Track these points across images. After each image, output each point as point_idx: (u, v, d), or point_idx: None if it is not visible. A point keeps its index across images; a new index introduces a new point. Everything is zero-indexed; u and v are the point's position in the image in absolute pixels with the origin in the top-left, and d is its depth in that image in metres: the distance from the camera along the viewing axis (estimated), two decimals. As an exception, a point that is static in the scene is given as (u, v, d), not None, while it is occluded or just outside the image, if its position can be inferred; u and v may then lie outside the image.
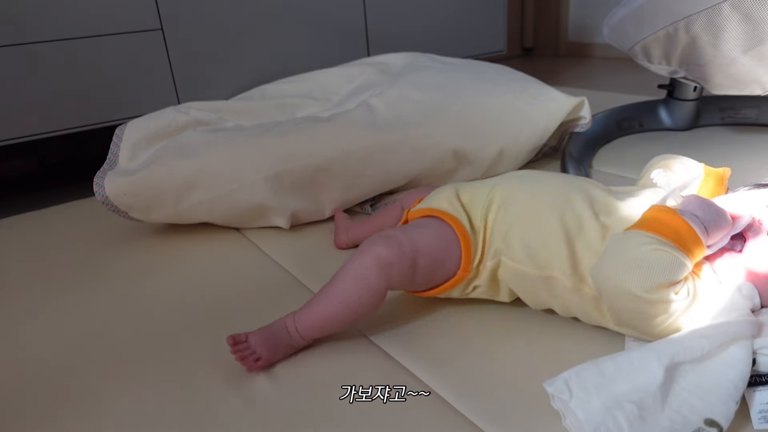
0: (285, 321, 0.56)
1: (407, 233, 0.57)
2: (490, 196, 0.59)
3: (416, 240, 0.56)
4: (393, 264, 0.54)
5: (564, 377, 0.44)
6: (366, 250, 0.55)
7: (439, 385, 0.51)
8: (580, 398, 0.43)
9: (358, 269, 0.54)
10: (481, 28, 1.70)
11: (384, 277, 0.54)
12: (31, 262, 0.84)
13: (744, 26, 0.81)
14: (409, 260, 0.55)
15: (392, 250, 0.54)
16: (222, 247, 0.83)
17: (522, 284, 0.57)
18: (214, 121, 0.94)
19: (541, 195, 0.57)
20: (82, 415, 0.51)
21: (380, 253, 0.54)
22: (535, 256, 0.54)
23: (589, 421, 0.42)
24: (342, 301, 0.55)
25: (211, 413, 0.50)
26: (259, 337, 0.54)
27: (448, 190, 0.62)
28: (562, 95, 0.98)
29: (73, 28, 1.09)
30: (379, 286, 0.54)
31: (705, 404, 0.42)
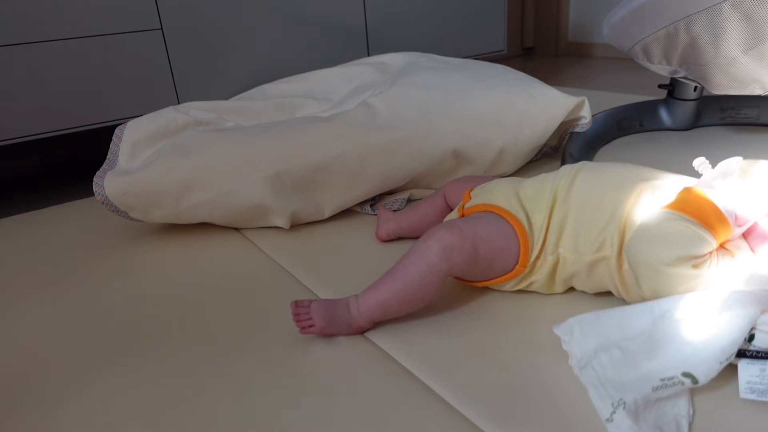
0: (348, 299, 0.58)
1: (469, 222, 0.59)
2: (553, 192, 0.60)
3: (477, 228, 0.58)
4: (455, 247, 0.56)
5: (570, 322, 0.50)
6: (429, 235, 0.57)
7: (439, 385, 0.51)
8: (579, 341, 0.48)
9: (422, 251, 0.56)
10: (481, 28, 1.70)
11: (446, 260, 0.56)
12: (31, 262, 0.84)
13: (744, 26, 0.81)
14: (471, 245, 0.57)
15: (454, 234, 0.56)
16: (222, 247, 0.83)
17: (579, 273, 0.59)
18: (214, 121, 0.94)
19: (598, 183, 0.59)
20: (82, 412, 0.51)
21: (443, 236, 0.56)
22: (589, 239, 0.57)
23: (581, 360, 0.47)
24: (404, 282, 0.56)
25: (205, 409, 0.50)
26: (320, 307, 0.57)
27: (506, 187, 0.63)
28: (562, 95, 0.98)
29: (73, 28, 1.09)
30: (440, 268, 0.56)
31: (687, 358, 0.45)
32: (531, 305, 0.61)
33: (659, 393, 0.44)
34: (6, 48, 1.03)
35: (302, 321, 0.56)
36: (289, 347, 0.58)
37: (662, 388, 0.44)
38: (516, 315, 0.60)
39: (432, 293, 0.57)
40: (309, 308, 0.56)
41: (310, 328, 0.56)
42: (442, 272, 0.56)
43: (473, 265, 0.58)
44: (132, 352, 0.60)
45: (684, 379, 0.44)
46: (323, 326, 0.56)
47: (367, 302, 0.57)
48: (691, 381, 0.44)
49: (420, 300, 0.57)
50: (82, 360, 0.59)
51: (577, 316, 0.50)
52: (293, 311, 0.56)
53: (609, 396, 0.44)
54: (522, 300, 0.62)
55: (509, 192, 0.62)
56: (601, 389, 0.45)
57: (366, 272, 0.71)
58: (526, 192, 0.62)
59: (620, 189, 0.57)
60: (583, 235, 0.57)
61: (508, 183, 0.65)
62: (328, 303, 0.57)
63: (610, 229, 0.56)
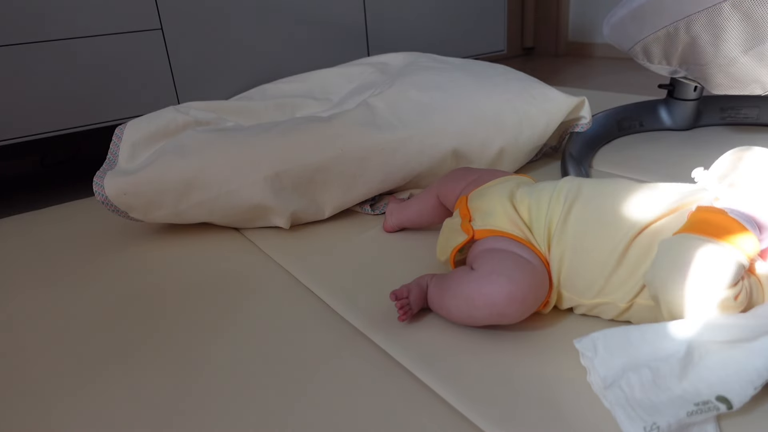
0: (427, 281, 0.61)
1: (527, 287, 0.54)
2: (548, 225, 0.57)
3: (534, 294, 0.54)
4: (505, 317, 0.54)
5: (593, 337, 0.48)
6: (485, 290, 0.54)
7: (439, 385, 0.51)
8: (604, 357, 0.46)
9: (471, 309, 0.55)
10: (481, 28, 1.70)
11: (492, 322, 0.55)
12: (31, 262, 0.84)
13: (744, 26, 0.81)
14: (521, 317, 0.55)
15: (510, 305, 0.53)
16: (222, 247, 0.83)
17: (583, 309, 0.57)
18: (214, 120, 0.94)
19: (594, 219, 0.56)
20: (82, 412, 0.51)
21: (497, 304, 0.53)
22: (588, 284, 0.55)
23: (605, 378, 0.45)
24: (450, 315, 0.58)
25: (204, 408, 0.50)
26: (415, 294, 0.60)
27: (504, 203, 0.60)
28: (562, 95, 0.98)
29: (73, 27, 1.09)
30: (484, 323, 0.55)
31: (721, 383, 0.43)
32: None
33: (693, 418, 0.42)
34: (6, 48, 1.03)
35: (407, 313, 0.59)
36: (288, 347, 0.58)
37: (697, 413, 0.42)
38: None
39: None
40: (409, 299, 0.59)
41: (410, 313, 0.59)
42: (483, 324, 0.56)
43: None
44: (132, 351, 0.60)
45: (719, 404, 0.42)
46: (416, 309, 0.60)
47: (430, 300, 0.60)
48: (726, 406, 0.42)
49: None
50: (81, 360, 0.59)
51: (601, 332, 0.47)
52: (398, 305, 0.59)
53: (640, 419, 0.42)
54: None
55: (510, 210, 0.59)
56: (630, 411, 0.43)
57: (366, 272, 0.72)
58: (522, 211, 0.60)
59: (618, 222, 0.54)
60: (582, 279, 0.55)
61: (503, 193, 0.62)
62: (418, 288, 0.60)
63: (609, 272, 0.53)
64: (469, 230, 0.60)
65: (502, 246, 0.58)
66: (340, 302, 0.65)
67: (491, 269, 0.55)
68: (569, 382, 0.49)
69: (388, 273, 0.70)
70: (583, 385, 0.49)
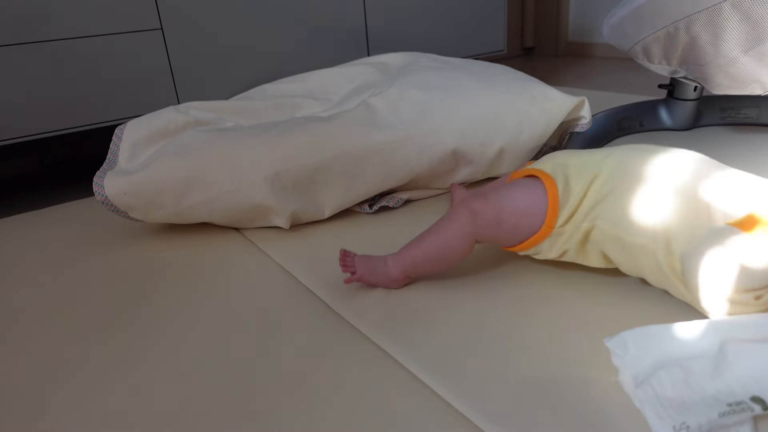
0: (386, 256, 0.65)
1: (497, 189, 0.63)
2: (599, 165, 0.59)
3: (502, 192, 0.62)
4: (479, 211, 0.60)
5: (624, 335, 0.47)
6: (459, 203, 0.63)
7: (439, 384, 0.51)
8: (635, 356, 0.45)
9: (450, 215, 0.62)
10: (481, 28, 1.70)
11: (470, 222, 0.60)
12: (31, 262, 0.84)
13: (744, 26, 0.81)
14: (494, 208, 0.60)
15: (479, 200, 0.61)
16: (222, 247, 0.83)
17: (616, 249, 0.58)
18: (214, 120, 0.94)
19: (650, 167, 0.57)
20: (82, 412, 0.51)
21: (469, 202, 0.61)
22: (632, 223, 0.55)
23: (636, 377, 0.44)
24: (432, 240, 0.62)
25: (204, 408, 0.50)
26: (362, 259, 0.65)
27: (558, 155, 0.64)
28: (562, 95, 0.98)
29: (73, 27, 1.09)
30: (466, 230, 0.61)
31: (757, 383, 0.42)
32: (535, 305, 0.61)
33: (726, 419, 0.41)
34: (6, 48, 1.03)
35: (348, 266, 0.64)
36: (288, 347, 0.58)
37: (729, 414, 0.41)
38: (518, 315, 0.60)
39: (458, 254, 0.62)
40: (353, 258, 0.65)
41: (353, 274, 0.64)
42: (467, 234, 0.61)
43: (498, 229, 0.61)
44: (132, 351, 0.60)
45: (753, 404, 0.41)
46: (363, 273, 0.64)
47: (401, 256, 0.64)
48: (761, 407, 0.41)
49: (446, 259, 0.63)
50: (82, 359, 0.59)
51: (631, 330, 0.47)
52: (341, 257, 0.64)
53: (670, 418, 0.41)
54: (526, 299, 0.62)
55: (558, 157, 0.63)
56: (660, 410, 0.42)
57: (366, 272, 0.72)
58: (575, 160, 0.61)
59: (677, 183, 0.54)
60: (627, 213, 0.55)
61: (564, 152, 0.65)
62: (369, 257, 0.65)
63: (655, 218, 0.54)
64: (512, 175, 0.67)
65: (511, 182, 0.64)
66: (339, 302, 0.65)
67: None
68: (571, 382, 0.49)
69: (388, 273, 0.70)
70: (584, 385, 0.49)
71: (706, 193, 0.53)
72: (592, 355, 0.52)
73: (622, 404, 0.46)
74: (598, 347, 0.53)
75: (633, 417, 0.44)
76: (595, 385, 0.48)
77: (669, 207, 0.53)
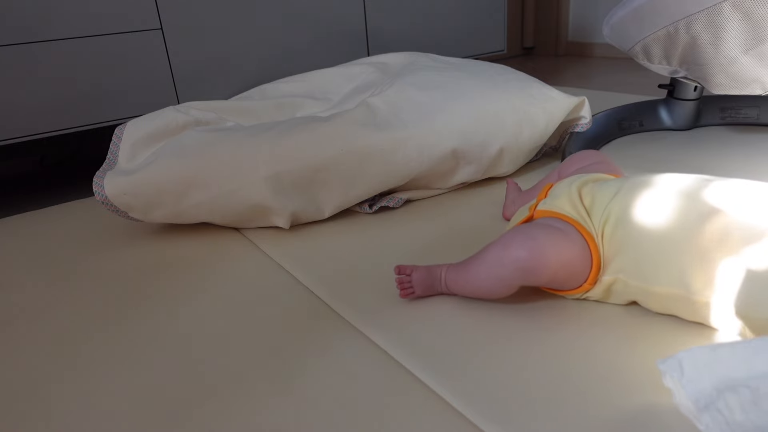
0: (441, 271, 0.63)
1: (549, 242, 0.56)
2: (609, 207, 0.57)
3: (558, 252, 0.56)
4: (530, 270, 0.56)
5: (678, 357, 0.45)
6: (507, 248, 0.57)
7: (439, 384, 0.51)
8: (692, 378, 0.43)
9: (498, 268, 0.57)
10: (481, 27, 1.70)
11: (519, 279, 0.57)
12: (31, 261, 0.84)
13: (744, 26, 0.81)
14: (548, 272, 0.56)
15: (533, 258, 0.55)
16: (222, 247, 0.83)
17: (641, 296, 0.56)
18: (214, 120, 0.94)
19: (668, 205, 0.54)
20: (82, 412, 0.51)
21: (520, 256, 0.55)
22: (657, 274, 0.53)
23: (698, 401, 0.42)
24: (477, 286, 0.60)
25: (202, 408, 0.50)
26: (419, 277, 0.63)
27: (571, 190, 0.61)
28: (562, 95, 0.98)
29: (73, 27, 1.09)
30: (513, 284, 0.58)
31: None
32: (538, 307, 0.61)
33: None
34: (6, 48, 1.03)
35: (406, 289, 0.63)
36: (288, 347, 0.58)
37: None
38: (519, 315, 0.60)
39: (502, 295, 0.59)
40: (411, 277, 0.63)
41: (410, 294, 0.63)
42: (513, 287, 0.58)
43: (546, 284, 0.60)
44: (132, 351, 0.60)
45: None
46: (420, 293, 0.63)
47: (451, 282, 0.62)
48: None
49: (491, 297, 0.61)
50: (82, 359, 0.59)
51: (686, 351, 0.44)
52: (397, 279, 0.63)
53: None
54: (528, 301, 0.62)
55: (574, 196, 0.60)
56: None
57: (366, 272, 0.72)
58: (586, 197, 0.60)
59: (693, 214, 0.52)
60: (648, 263, 0.53)
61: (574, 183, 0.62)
62: (426, 273, 0.63)
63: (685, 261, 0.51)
64: (532, 209, 0.64)
65: (546, 222, 0.60)
66: (339, 301, 0.65)
67: (515, 231, 0.59)
68: (571, 381, 0.49)
69: (389, 272, 0.70)
70: (584, 384, 0.49)
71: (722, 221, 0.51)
72: (594, 353, 0.52)
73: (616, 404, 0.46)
74: (598, 347, 0.53)
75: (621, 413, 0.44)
76: (598, 386, 0.48)
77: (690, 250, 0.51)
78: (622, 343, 0.54)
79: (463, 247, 0.76)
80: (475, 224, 0.83)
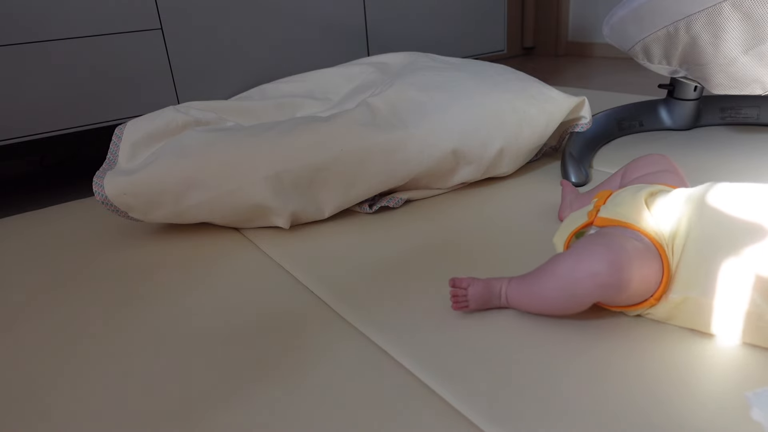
0: (501, 286, 0.59)
1: (631, 255, 0.51)
2: (680, 220, 0.54)
3: (642, 268, 0.52)
4: (613, 287, 0.51)
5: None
6: (582, 261, 0.52)
7: (439, 384, 0.51)
8: None
9: (570, 285, 0.53)
10: (481, 27, 1.70)
11: (597, 296, 0.53)
12: (31, 261, 0.84)
13: (744, 26, 0.81)
14: (627, 290, 0.52)
15: (613, 275, 0.50)
16: (222, 247, 0.83)
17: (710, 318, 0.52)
18: (214, 120, 0.94)
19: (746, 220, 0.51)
20: (82, 411, 0.51)
21: (600, 273, 0.51)
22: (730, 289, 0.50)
23: None
24: (543, 303, 0.56)
25: (200, 408, 0.50)
26: (476, 292, 0.59)
27: (637, 198, 0.57)
28: (562, 95, 0.98)
29: (73, 27, 1.09)
30: (587, 302, 0.54)
31: None
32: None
33: None
34: (6, 48, 1.03)
35: (460, 303, 0.59)
36: (288, 347, 0.58)
37: None
38: (521, 315, 0.60)
39: (574, 312, 0.55)
40: (466, 291, 0.59)
41: (464, 307, 0.59)
42: (587, 304, 0.54)
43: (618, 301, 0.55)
44: (132, 351, 0.60)
45: None
46: (475, 308, 0.59)
47: (514, 298, 0.58)
48: None
49: (560, 314, 0.57)
50: (81, 359, 0.59)
51: None
52: (452, 292, 0.59)
53: None
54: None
55: (641, 205, 0.56)
56: None
57: (366, 272, 0.71)
58: (653, 209, 0.56)
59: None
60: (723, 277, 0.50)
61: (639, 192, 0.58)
62: (484, 287, 0.59)
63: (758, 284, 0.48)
64: (592, 215, 0.59)
65: (618, 232, 0.55)
66: (339, 301, 0.65)
67: (590, 242, 0.54)
68: (571, 380, 0.49)
69: (388, 272, 0.70)
70: (585, 383, 0.49)
71: None
72: (594, 354, 0.52)
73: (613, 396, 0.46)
74: (599, 344, 0.53)
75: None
76: (597, 386, 0.48)
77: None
78: (624, 346, 0.54)
79: (464, 247, 0.76)
80: (476, 224, 0.83)
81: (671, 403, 0.46)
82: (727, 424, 0.43)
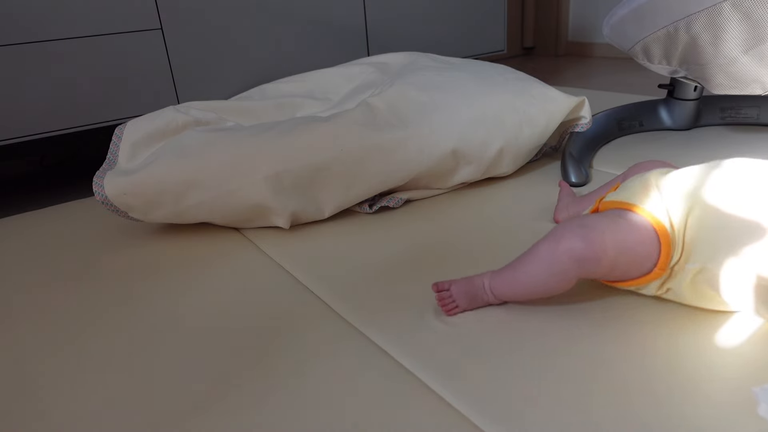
0: (483, 279, 0.60)
1: (606, 228, 0.54)
2: (694, 194, 0.54)
3: (615, 238, 0.53)
4: (587, 259, 0.53)
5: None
6: (560, 239, 0.54)
7: (440, 384, 0.51)
8: None
9: (551, 261, 0.55)
10: (481, 27, 1.70)
11: (576, 270, 0.54)
12: (31, 262, 0.84)
13: (744, 26, 0.81)
14: (606, 261, 0.53)
15: (588, 246, 0.53)
16: (222, 247, 0.83)
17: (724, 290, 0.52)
18: (214, 120, 0.94)
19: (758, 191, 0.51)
20: (82, 411, 0.51)
21: (575, 247, 0.53)
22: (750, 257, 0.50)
23: None
24: (529, 281, 0.57)
25: (200, 408, 0.50)
26: (459, 289, 0.59)
27: (648, 181, 0.58)
28: (562, 95, 0.98)
29: (73, 27, 1.09)
30: (570, 276, 0.55)
31: None
32: (541, 306, 0.61)
33: None
34: (6, 48, 1.03)
35: (447, 305, 0.59)
36: (288, 347, 0.58)
37: None
38: (520, 314, 0.60)
39: (560, 291, 0.57)
40: (450, 291, 0.59)
41: (455, 309, 0.59)
42: (571, 279, 0.55)
43: (607, 274, 0.56)
44: (131, 351, 0.60)
45: None
46: (466, 306, 0.60)
47: (498, 287, 0.59)
48: None
49: (546, 294, 0.58)
50: (81, 359, 0.59)
51: None
52: (437, 297, 0.59)
53: None
54: (536, 302, 0.62)
55: (650, 186, 0.57)
56: None
57: (366, 272, 0.71)
58: (666, 183, 0.56)
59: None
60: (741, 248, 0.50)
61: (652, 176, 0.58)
62: (466, 283, 0.60)
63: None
64: (598, 202, 0.60)
65: (602, 213, 0.57)
66: (339, 301, 0.65)
67: (568, 222, 0.56)
68: (571, 380, 0.49)
69: (389, 272, 0.70)
70: (585, 383, 0.49)
71: None
72: (597, 354, 0.52)
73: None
74: (598, 342, 0.53)
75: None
76: (600, 386, 0.48)
77: None
78: (625, 339, 0.54)
79: (464, 246, 0.76)
80: (476, 224, 0.83)
81: (674, 400, 0.46)
82: (733, 420, 0.43)
